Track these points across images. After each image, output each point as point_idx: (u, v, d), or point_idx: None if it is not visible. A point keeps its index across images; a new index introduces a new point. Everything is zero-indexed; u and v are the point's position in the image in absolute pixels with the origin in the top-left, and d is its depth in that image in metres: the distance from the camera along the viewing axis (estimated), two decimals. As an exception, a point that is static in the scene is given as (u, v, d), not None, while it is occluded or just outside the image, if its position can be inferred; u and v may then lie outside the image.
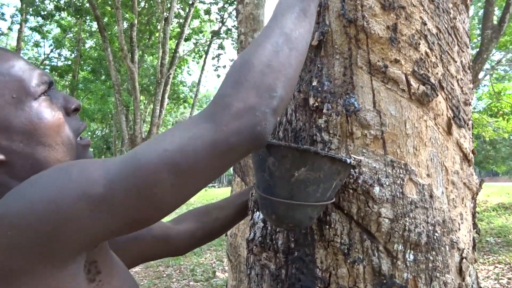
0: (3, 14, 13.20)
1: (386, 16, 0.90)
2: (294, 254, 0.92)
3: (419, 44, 0.90)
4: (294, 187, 0.76)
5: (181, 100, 17.69)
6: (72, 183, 0.51)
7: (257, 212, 1.03)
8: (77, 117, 0.70)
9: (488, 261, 6.98)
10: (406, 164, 0.88)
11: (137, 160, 0.52)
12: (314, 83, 0.95)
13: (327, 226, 0.88)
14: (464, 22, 0.99)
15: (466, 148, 0.98)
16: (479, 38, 7.63)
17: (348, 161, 0.78)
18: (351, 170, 0.87)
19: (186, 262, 8.66)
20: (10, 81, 0.60)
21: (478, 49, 7.24)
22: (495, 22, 7.07)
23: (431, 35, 0.91)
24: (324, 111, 0.92)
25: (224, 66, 15.50)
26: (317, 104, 0.93)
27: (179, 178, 0.52)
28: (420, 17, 0.90)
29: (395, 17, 0.89)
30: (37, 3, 10.69)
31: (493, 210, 10.47)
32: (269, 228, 0.98)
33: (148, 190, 0.52)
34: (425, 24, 0.91)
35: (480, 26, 7.99)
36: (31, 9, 11.13)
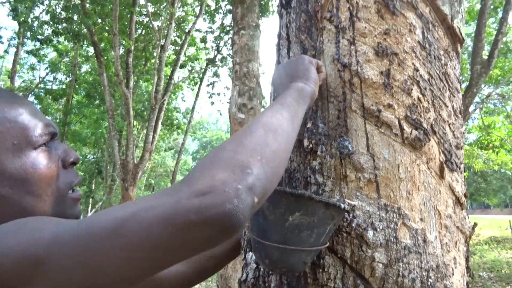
0: (0, 37, 13.29)
1: (379, 62, 0.92)
2: (287, 297, 0.90)
3: (412, 89, 0.92)
4: (288, 231, 0.76)
5: (175, 126, 17.72)
6: (20, 241, 0.48)
7: (250, 253, 1.02)
8: (73, 170, 0.70)
9: (481, 296, 6.91)
10: (400, 208, 0.88)
11: (86, 225, 0.48)
12: (309, 125, 0.96)
13: (321, 270, 0.87)
14: (455, 68, 1.02)
15: (458, 192, 0.99)
16: (469, 72, 7.82)
17: (342, 206, 0.78)
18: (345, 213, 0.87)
19: (175, 292, 8.45)
20: (14, 128, 0.61)
21: (468, 83, 7.40)
22: (484, 57, 7.26)
23: (423, 81, 0.93)
24: (318, 153, 0.93)
25: (219, 94, 15.65)
26: (311, 146, 0.94)
27: (127, 251, 0.46)
28: (413, 63, 0.93)
29: (388, 63, 0.92)
30: (35, 28, 10.80)
31: (485, 244, 10.45)
32: (261, 269, 0.97)
33: (90, 259, 0.46)
34: (417, 70, 0.93)
35: (470, 60, 8.21)
36: (28, 33, 11.24)
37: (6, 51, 14.43)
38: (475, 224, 1.04)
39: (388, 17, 0.93)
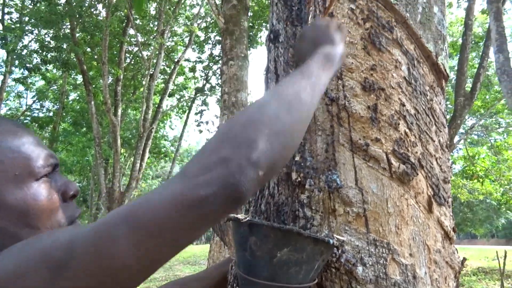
0: (-12, 65, 13.27)
1: (366, 97, 0.93)
2: (275, 336, 0.87)
3: (399, 124, 0.93)
4: (276, 268, 0.74)
5: (162, 154, 17.63)
6: (37, 249, 0.48)
7: (237, 289, 0.99)
8: (73, 203, 0.68)
9: (471, 330, 6.81)
10: (389, 243, 0.87)
11: (100, 221, 0.48)
12: (297, 158, 0.96)
13: (309, 308, 0.85)
14: (440, 103, 1.04)
15: (447, 226, 0.99)
16: (453, 104, 8.01)
17: (331, 242, 0.77)
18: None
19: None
20: (17, 158, 0.60)
21: (452, 114, 7.57)
22: (468, 89, 7.47)
23: (410, 115, 0.95)
24: (307, 186, 0.92)
25: (207, 122, 15.69)
26: (299, 179, 0.93)
27: (139, 234, 0.46)
28: (399, 98, 0.94)
29: (375, 98, 0.93)
30: (24, 56, 10.81)
31: (474, 275, 10.41)
32: (248, 307, 0.94)
33: (105, 249, 0.46)
34: (403, 105, 0.94)
35: (453, 91, 8.43)
36: (17, 62, 11.23)
37: (-7, 79, 14.35)
38: (464, 259, 1.03)
39: (374, 53, 0.95)
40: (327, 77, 0.72)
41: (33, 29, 11.46)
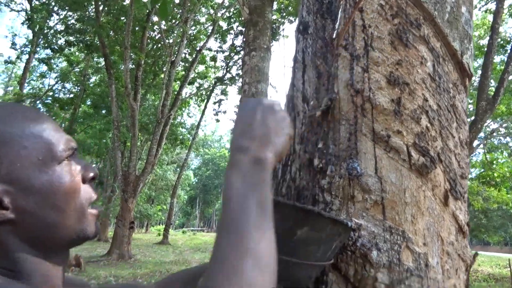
0: (14, 43, 13.58)
1: (391, 90, 0.96)
2: (289, 312, 0.92)
3: (421, 118, 0.96)
4: (295, 245, 0.78)
5: (179, 141, 17.82)
6: None
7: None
8: (92, 186, 0.70)
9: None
10: (404, 231, 0.91)
11: None
12: (320, 145, 1.00)
13: (324, 286, 0.90)
14: (462, 101, 1.06)
15: (461, 220, 1.02)
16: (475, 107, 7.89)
17: (349, 224, 0.81)
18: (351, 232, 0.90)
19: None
20: (40, 143, 0.62)
21: (473, 118, 7.47)
22: (491, 93, 7.34)
23: (432, 111, 0.98)
24: (328, 172, 0.96)
25: (225, 112, 15.80)
26: (321, 165, 0.98)
27: None
28: (423, 94, 0.97)
29: (399, 91, 0.96)
30: (49, 36, 11.02)
31: (484, 281, 10.30)
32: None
33: None
34: (426, 100, 0.97)
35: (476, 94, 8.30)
36: (42, 41, 11.46)
37: (19, 58, 14.69)
38: (476, 254, 1.07)
39: (401, 49, 0.98)
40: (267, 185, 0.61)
41: (59, 10, 11.67)
